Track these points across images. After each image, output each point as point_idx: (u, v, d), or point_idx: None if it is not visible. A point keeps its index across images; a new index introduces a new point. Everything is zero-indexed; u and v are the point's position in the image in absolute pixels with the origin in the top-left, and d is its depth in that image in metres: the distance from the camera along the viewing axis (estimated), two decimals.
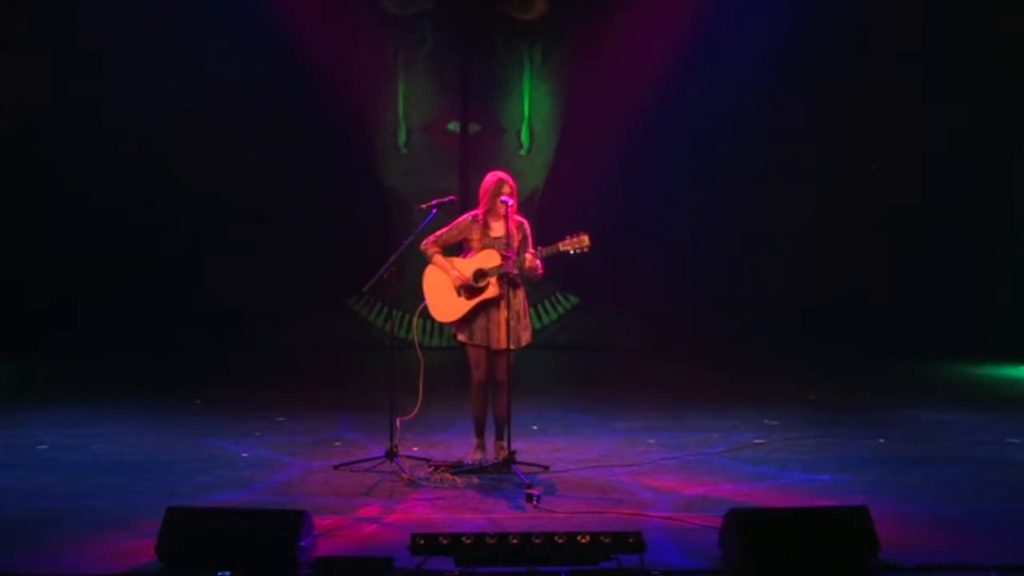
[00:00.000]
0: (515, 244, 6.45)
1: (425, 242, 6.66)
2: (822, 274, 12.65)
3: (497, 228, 6.56)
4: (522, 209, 6.88)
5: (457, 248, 6.70)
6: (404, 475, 6.35)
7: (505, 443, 6.40)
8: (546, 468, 6.58)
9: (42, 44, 12.06)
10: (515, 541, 4.61)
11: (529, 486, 5.96)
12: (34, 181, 12.13)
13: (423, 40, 13.11)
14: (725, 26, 12.26)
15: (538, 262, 6.40)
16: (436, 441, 7.42)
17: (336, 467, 6.63)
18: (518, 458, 6.34)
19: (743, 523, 4.78)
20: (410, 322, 6.59)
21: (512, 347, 6.43)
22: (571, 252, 6.36)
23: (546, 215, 11.91)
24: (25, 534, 5.28)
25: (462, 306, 6.55)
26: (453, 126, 13.09)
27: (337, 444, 7.43)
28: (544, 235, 6.64)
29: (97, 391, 9.62)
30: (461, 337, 6.63)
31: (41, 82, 12.04)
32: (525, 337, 6.60)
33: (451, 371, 8.28)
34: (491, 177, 6.63)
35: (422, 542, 4.61)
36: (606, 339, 13.17)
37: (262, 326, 12.72)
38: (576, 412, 8.74)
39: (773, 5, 12.15)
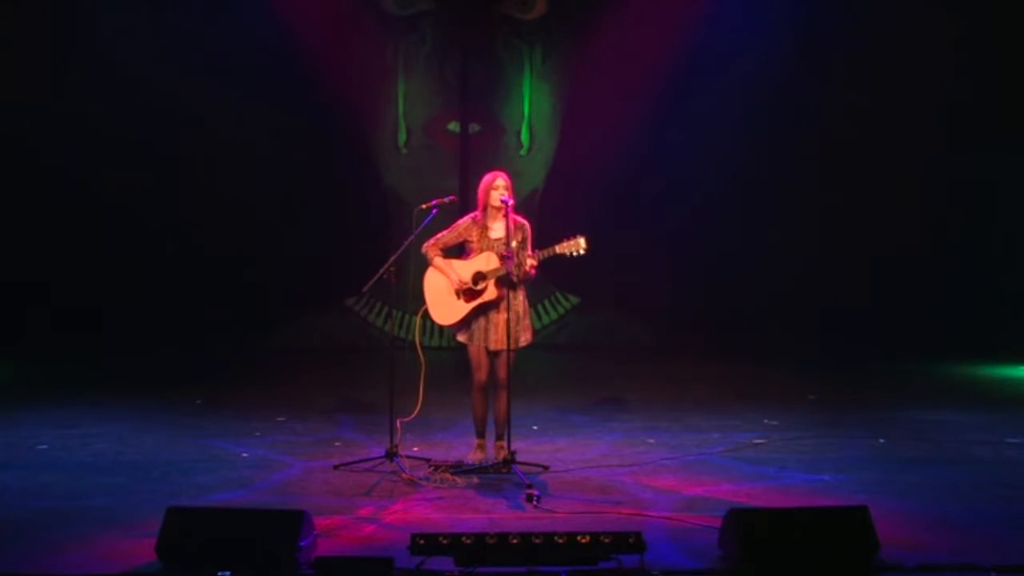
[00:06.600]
0: (514, 244, 6.45)
1: (426, 245, 6.67)
2: (823, 274, 12.64)
3: (496, 229, 6.57)
4: (522, 209, 6.88)
5: (459, 250, 6.70)
6: (404, 475, 6.35)
7: (505, 443, 6.41)
8: (546, 468, 6.58)
9: (41, 44, 12.06)
10: (515, 541, 4.61)
11: (529, 486, 5.96)
12: (38, 180, 12.11)
13: (423, 40, 13.10)
14: (725, 26, 12.25)
15: (533, 262, 6.40)
16: (436, 441, 7.42)
17: (336, 467, 6.64)
18: (518, 458, 6.34)
19: (743, 523, 4.78)
20: (410, 322, 6.59)
21: (511, 348, 6.44)
22: (567, 255, 6.36)
23: (546, 215, 11.89)
24: (25, 534, 5.28)
25: (461, 309, 6.55)
26: (453, 126, 13.07)
27: (337, 444, 7.43)
28: (544, 235, 6.64)
29: (97, 391, 9.62)
30: (461, 338, 6.64)
31: (41, 81, 12.05)
32: (525, 337, 6.60)
33: (451, 371, 8.28)
34: (486, 177, 6.65)
35: (422, 542, 4.61)
36: (606, 339, 13.16)
37: (262, 326, 12.73)
38: (576, 412, 8.73)
39: (773, 5, 12.15)
